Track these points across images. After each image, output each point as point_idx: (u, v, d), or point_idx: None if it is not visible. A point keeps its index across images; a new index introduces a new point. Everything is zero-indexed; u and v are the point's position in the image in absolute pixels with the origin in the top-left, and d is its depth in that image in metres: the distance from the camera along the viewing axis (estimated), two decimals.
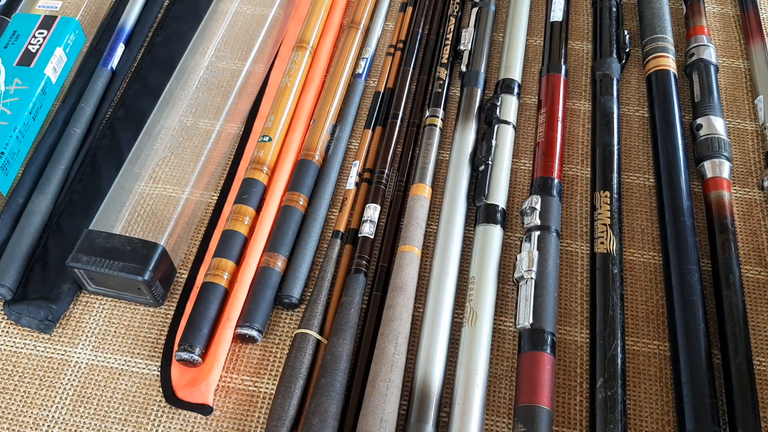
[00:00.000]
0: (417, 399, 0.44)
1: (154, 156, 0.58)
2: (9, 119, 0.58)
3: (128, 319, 0.50)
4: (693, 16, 0.65)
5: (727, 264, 0.49)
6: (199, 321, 0.48)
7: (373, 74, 0.65)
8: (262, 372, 0.48)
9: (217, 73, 0.64)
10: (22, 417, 0.46)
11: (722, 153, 0.55)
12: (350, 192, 0.56)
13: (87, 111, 0.60)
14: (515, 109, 0.60)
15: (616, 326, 0.46)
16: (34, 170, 0.57)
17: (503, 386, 0.47)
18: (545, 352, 0.45)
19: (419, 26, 0.66)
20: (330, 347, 0.46)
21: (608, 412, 0.43)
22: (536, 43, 0.67)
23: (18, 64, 0.62)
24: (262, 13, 0.69)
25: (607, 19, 0.65)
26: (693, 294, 0.47)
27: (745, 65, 0.64)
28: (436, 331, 0.47)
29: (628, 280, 0.52)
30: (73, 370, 0.48)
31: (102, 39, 0.67)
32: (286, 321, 0.50)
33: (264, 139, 0.58)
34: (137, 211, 0.55)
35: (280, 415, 0.44)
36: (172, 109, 0.60)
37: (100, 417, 0.46)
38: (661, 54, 0.61)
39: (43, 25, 0.65)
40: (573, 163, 0.58)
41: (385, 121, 0.60)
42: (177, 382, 0.47)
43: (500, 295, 0.51)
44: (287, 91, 0.61)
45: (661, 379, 0.47)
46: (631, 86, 0.63)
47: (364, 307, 0.50)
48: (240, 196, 0.55)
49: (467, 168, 0.56)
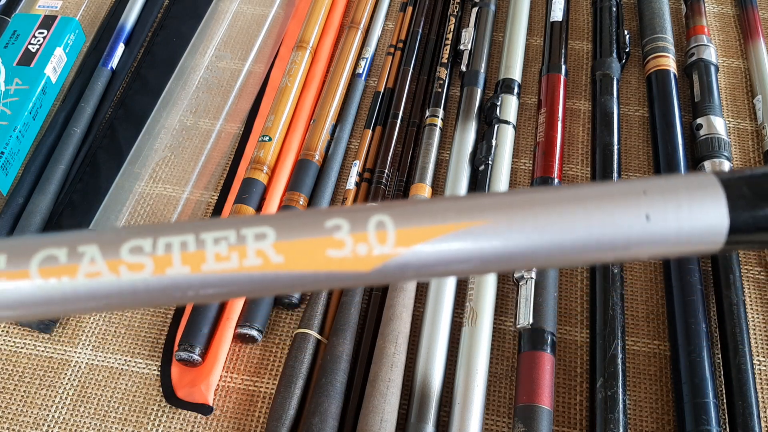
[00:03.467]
0: (417, 399, 0.44)
1: (154, 156, 0.58)
2: (9, 119, 0.58)
3: (128, 319, 0.50)
4: (693, 16, 0.65)
5: (727, 264, 0.49)
6: (199, 321, 0.48)
7: (373, 74, 0.65)
8: (262, 372, 0.48)
9: (217, 72, 0.64)
10: (22, 417, 0.46)
11: (722, 153, 0.55)
12: (350, 192, 0.56)
13: (87, 111, 0.60)
14: (515, 108, 0.60)
15: (616, 326, 0.46)
16: (34, 170, 0.57)
17: (503, 386, 0.47)
18: (545, 351, 0.45)
19: (419, 26, 0.66)
20: (330, 347, 0.46)
21: (608, 412, 0.43)
22: (536, 42, 0.67)
23: (18, 64, 0.62)
24: (262, 13, 0.69)
25: (607, 19, 0.65)
26: (693, 294, 0.47)
27: (744, 65, 0.64)
28: (436, 330, 0.47)
29: (628, 280, 0.52)
30: (73, 370, 0.48)
31: (102, 39, 0.67)
32: (286, 321, 0.50)
33: (264, 138, 0.58)
34: (137, 211, 0.55)
35: (280, 414, 0.44)
36: (172, 109, 0.60)
37: (100, 417, 0.46)
38: (661, 54, 0.61)
39: (43, 24, 0.65)
40: (573, 163, 0.58)
41: (385, 120, 0.60)
42: (177, 382, 0.47)
43: (500, 295, 0.51)
44: (287, 91, 0.61)
45: (661, 379, 0.47)
46: (631, 86, 0.63)
47: (364, 307, 0.50)
48: (240, 196, 0.55)
49: (467, 168, 0.56)
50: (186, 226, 0.19)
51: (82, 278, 0.18)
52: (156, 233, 0.19)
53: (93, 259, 0.18)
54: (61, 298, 0.18)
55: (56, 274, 0.18)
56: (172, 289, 0.19)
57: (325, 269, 0.19)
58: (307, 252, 0.19)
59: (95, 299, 0.18)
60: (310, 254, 0.19)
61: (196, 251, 0.19)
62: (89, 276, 0.18)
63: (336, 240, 0.19)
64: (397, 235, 0.19)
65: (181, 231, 0.19)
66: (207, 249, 0.19)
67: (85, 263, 0.18)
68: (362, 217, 0.19)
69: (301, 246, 0.19)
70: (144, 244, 0.19)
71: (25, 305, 0.18)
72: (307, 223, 0.19)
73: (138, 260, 0.18)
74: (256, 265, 0.19)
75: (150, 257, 0.18)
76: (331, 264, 0.19)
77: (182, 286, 0.19)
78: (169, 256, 0.18)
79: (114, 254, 0.18)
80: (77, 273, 0.18)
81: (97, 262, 0.18)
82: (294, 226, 0.19)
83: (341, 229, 0.19)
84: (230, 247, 0.19)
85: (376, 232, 0.19)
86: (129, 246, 0.18)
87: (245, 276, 0.19)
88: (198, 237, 0.19)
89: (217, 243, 0.19)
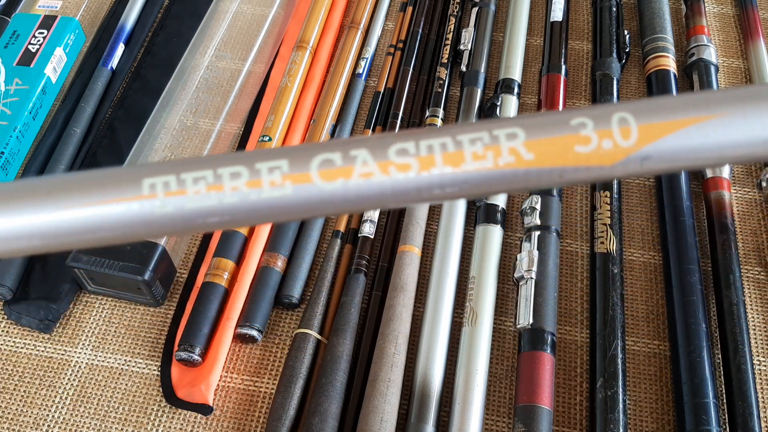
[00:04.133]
0: (417, 399, 0.44)
1: (154, 156, 0.58)
2: (9, 119, 0.58)
3: (128, 319, 0.50)
4: (693, 16, 0.65)
5: (727, 264, 0.49)
6: (199, 321, 0.48)
7: (373, 74, 0.65)
8: (262, 372, 0.48)
9: (217, 72, 0.64)
10: (22, 417, 0.46)
11: None
12: None
13: (87, 111, 0.60)
14: (515, 108, 0.60)
15: (617, 326, 0.46)
16: (34, 170, 0.57)
17: (503, 386, 0.47)
18: (545, 351, 0.45)
19: (419, 26, 0.66)
20: (330, 347, 0.46)
21: (608, 412, 0.43)
22: (536, 42, 0.67)
23: (18, 64, 0.62)
24: (262, 12, 0.69)
25: (607, 19, 0.65)
26: (693, 294, 0.47)
27: (744, 65, 0.64)
28: (436, 331, 0.47)
29: (628, 280, 0.52)
30: (73, 370, 0.48)
31: (102, 39, 0.67)
32: (286, 321, 0.50)
33: (264, 139, 0.58)
34: None
35: (280, 415, 0.44)
36: (172, 109, 0.60)
37: (100, 417, 0.46)
38: (661, 54, 0.61)
39: (43, 24, 0.65)
40: None
41: (385, 120, 0.60)
42: (177, 382, 0.47)
43: (500, 295, 0.51)
44: (287, 91, 0.61)
45: (661, 379, 0.47)
46: (631, 86, 0.63)
47: (364, 307, 0.50)
48: None
49: None
50: (443, 130, 0.21)
51: (356, 178, 0.20)
52: (417, 137, 0.21)
53: (365, 161, 0.20)
54: (341, 198, 0.20)
55: (333, 177, 0.20)
56: (435, 186, 0.20)
57: (572, 164, 0.20)
58: (556, 148, 0.20)
59: (369, 198, 0.20)
60: (558, 150, 0.20)
61: (456, 151, 0.20)
62: (363, 176, 0.20)
63: (582, 136, 0.20)
64: (639, 131, 0.20)
65: (439, 134, 0.21)
66: (465, 149, 0.20)
67: (358, 165, 0.20)
68: (605, 114, 0.21)
69: (550, 143, 0.20)
70: (408, 147, 0.20)
71: (309, 205, 0.20)
72: (554, 122, 0.21)
73: (405, 161, 0.20)
74: (509, 162, 0.20)
75: (415, 158, 0.20)
76: (578, 159, 0.20)
77: (444, 184, 0.20)
78: (432, 156, 0.20)
79: (383, 156, 0.20)
80: (352, 174, 0.20)
81: (369, 164, 0.20)
82: (542, 125, 0.21)
83: (586, 126, 0.20)
84: (485, 146, 0.20)
85: (620, 128, 0.20)
86: (395, 149, 0.20)
87: (500, 173, 0.20)
88: (455, 138, 0.20)
89: (473, 143, 0.20)
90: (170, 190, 0.20)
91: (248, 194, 0.20)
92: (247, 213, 0.20)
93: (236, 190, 0.20)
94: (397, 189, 0.20)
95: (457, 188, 0.20)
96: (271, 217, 0.20)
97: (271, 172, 0.20)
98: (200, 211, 0.20)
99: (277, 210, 0.20)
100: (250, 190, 0.20)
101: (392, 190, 0.20)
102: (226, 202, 0.20)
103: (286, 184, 0.20)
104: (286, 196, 0.20)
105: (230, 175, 0.20)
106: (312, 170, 0.20)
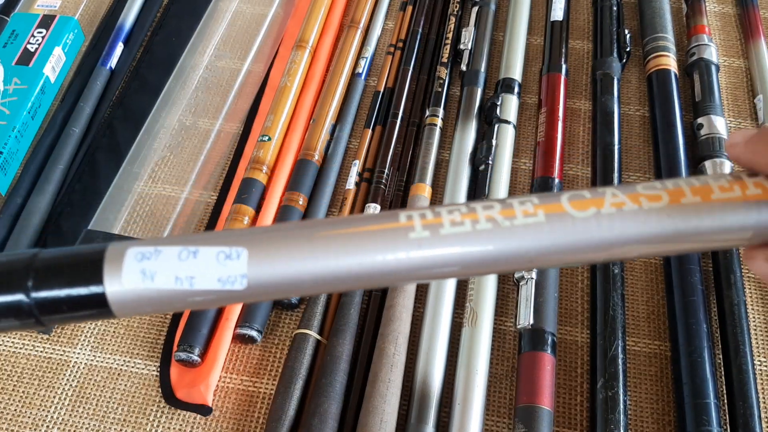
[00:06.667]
0: (417, 399, 0.44)
1: (153, 155, 0.58)
2: (8, 119, 0.58)
3: (127, 320, 0.50)
4: (694, 16, 0.65)
5: (727, 264, 0.49)
6: (199, 321, 0.48)
7: (373, 73, 0.65)
8: (262, 372, 0.48)
9: (217, 72, 0.64)
10: (21, 417, 0.46)
11: (723, 152, 0.55)
12: (350, 192, 0.55)
13: (86, 110, 0.60)
14: (516, 108, 0.60)
15: (617, 326, 0.46)
16: (33, 170, 0.57)
17: (503, 386, 0.47)
18: (546, 352, 0.45)
19: (419, 25, 0.66)
20: (330, 347, 0.46)
21: (609, 413, 0.43)
22: (537, 42, 0.67)
23: (17, 64, 0.62)
24: (262, 12, 0.68)
25: (607, 19, 0.65)
26: (694, 294, 0.47)
27: (745, 64, 0.64)
28: (436, 331, 0.47)
29: (629, 280, 0.52)
30: (72, 371, 0.48)
31: (101, 38, 0.66)
32: (286, 321, 0.50)
33: (263, 138, 0.58)
34: (136, 211, 0.55)
35: (279, 415, 0.44)
36: (171, 109, 0.60)
37: (99, 417, 0.46)
38: (661, 53, 0.61)
39: (42, 24, 0.65)
40: (573, 163, 0.58)
41: (385, 120, 0.60)
42: (176, 383, 0.47)
43: (500, 295, 0.50)
44: (287, 91, 0.61)
45: (662, 380, 0.47)
46: (631, 85, 0.63)
47: (364, 307, 0.49)
48: (239, 196, 0.54)
49: (467, 168, 0.56)
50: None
51: (607, 208, 0.23)
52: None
53: (614, 193, 0.23)
54: (594, 228, 0.23)
55: (585, 207, 0.23)
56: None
57: None
58: None
59: (625, 236, 0.23)
60: None
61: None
62: (613, 206, 0.23)
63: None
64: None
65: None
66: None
67: (608, 197, 0.23)
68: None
69: None
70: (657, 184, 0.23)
71: (569, 245, 0.23)
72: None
73: (655, 193, 0.23)
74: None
75: (665, 191, 0.23)
76: None
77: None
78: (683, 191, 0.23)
79: (631, 190, 0.23)
80: (603, 204, 0.23)
81: (618, 196, 0.23)
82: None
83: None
84: None
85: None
86: (642, 186, 0.23)
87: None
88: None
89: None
90: None
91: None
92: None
93: None
94: (648, 224, 0.23)
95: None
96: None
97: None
98: None
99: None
100: None
101: (643, 224, 0.23)
102: None
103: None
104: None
105: None
106: (563, 201, 0.23)
